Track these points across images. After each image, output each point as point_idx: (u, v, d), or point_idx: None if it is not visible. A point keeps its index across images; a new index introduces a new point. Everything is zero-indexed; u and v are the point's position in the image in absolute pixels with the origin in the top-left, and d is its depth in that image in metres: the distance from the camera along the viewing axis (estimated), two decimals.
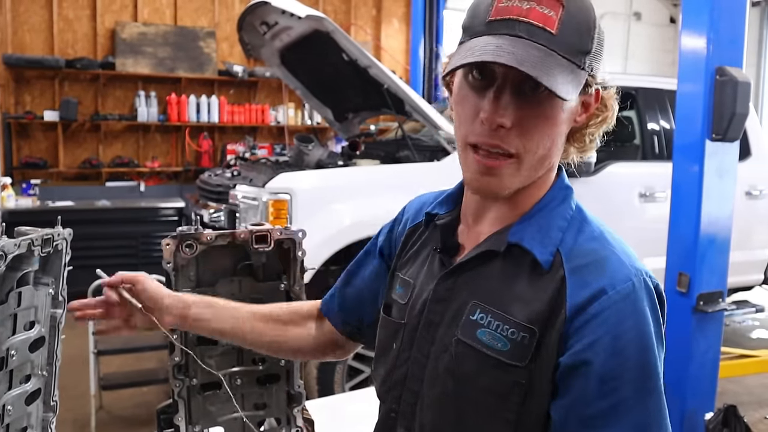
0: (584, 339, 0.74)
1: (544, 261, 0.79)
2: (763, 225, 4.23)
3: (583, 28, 0.77)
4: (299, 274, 1.14)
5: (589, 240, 0.81)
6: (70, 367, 3.60)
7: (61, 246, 1.04)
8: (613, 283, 0.75)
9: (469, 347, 0.81)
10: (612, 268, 0.77)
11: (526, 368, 0.77)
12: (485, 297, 0.81)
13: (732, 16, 2.66)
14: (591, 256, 0.78)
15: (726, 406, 2.83)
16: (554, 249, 0.80)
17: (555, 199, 0.84)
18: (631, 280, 0.76)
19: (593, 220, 0.85)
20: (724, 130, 2.64)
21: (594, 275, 0.76)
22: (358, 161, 3.58)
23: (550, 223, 0.82)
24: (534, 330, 0.77)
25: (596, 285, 0.75)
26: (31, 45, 6.66)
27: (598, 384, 0.73)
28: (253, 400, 1.19)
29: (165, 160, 7.29)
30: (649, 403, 0.74)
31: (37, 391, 1.01)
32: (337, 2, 7.96)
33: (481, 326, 0.80)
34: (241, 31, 3.95)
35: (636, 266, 0.79)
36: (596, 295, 0.75)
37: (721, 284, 2.80)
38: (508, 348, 0.78)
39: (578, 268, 0.77)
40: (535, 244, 0.80)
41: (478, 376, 0.80)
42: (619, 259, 0.78)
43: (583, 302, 0.75)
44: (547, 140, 0.79)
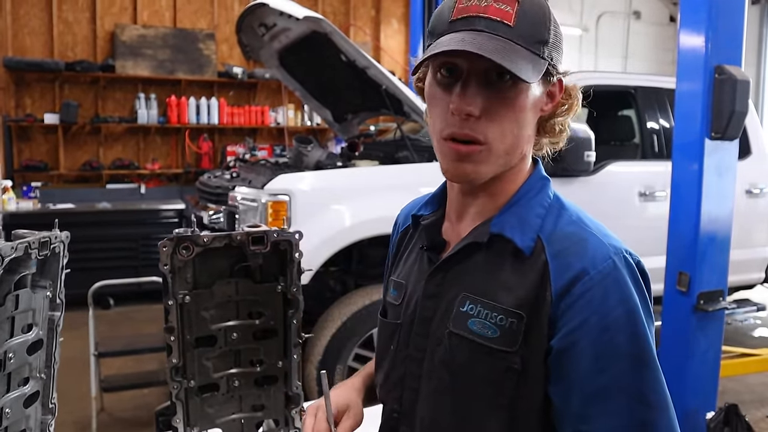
0: (572, 321, 0.77)
1: (525, 247, 0.82)
2: (763, 223, 4.22)
3: (539, 20, 0.81)
4: (296, 276, 1.13)
5: (567, 224, 0.84)
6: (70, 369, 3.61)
7: (59, 249, 1.04)
8: (594, 263, 0.78)
9: (461, 338, 0.83)
10: (592, 249, 0.79)
11: (518, 353, 0.79)
12: (473, 288, 0.84)
13: (731, 14, 2.66)
14: (570, 239, 0.81)
15: (727, 405, 2.82)
16: (534, 235, 0.83)
17: (532, 189, 0.88)
18: (611, 258, 0.79)
19: (570, 206, 0.88)
20: (723, 129, 2.64)
21: (575, 257, 0.79)
22: (357, 162, 3.58)
23: (529, 211, 0.85)
24: (521, 315, 0.79)
25: (578, 266, 0.78)
26: (31, 48, 6.67)
27: (592, 362, 0.76)
28: (251, 402, 1.19)
29: (165, 162, 7.30)
30: (645, 373, 0.76)
31: (36, 393, 1.01)
32: (336, 3, 7.97)
33: (471, 316, 0.83)
34: (240, 33, 3.95)
35: (614, 245, 0.81)
36: (579, 276, 0.77)
37: (722, 283, 2.79)
38: (498, 335, 0.80)
39: (559, 252, 0.80)
40: (515, 232, 0.83)
41: (472, 365, 0.82)
42: (598, 239, 0.81)
43: (566, 284, 0.78)
44: (515, 126, 0.82)
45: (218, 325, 1.13)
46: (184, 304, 1.09)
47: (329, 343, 3.09)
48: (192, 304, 1.10)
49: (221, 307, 1.13)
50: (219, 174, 4.07)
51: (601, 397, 0.76)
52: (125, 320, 5.26)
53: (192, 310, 1.10)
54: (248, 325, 1.15)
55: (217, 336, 1.14)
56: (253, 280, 1.14)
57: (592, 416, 0.76)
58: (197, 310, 1.11)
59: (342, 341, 3.10)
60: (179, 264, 1.08)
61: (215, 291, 1.12)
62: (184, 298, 1.09)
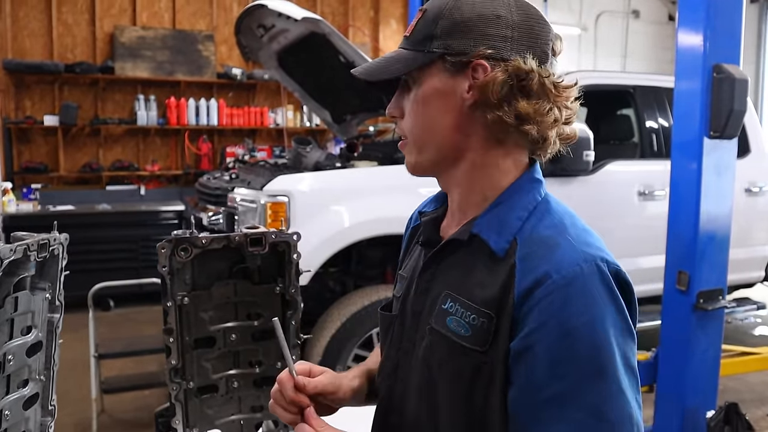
0: (530, 324, 0.76)
1: (499, 249, 0.82)
2: (763, 222, 4.22)
3: (430, 20, 0.87)
4: (294, 277, 1.14)
5: (546, 228, 0.83)
6: (71, 371, 3.63)
7: (58, 251, 1.04)
8: (559, 267, 0.77)
9: (440, 335, 0.85)
10: (560, 254, 0.78)
11: (488, 353, 0.80)
12: (454, 286, 0.86)
13: (729, 13, 2.66)
14: (543, 243, 0.80)
15: (727, 404, 2.82)
16: (511, 237, 0.83)
17: (520, 191, 0.87)
18: (579, 264, 0.77)
19: (558, 211, 0.86)
20: (722, 128, 2.64)
21: (541, 260, 0.78)
22: (356, 163, 3.58)
23: (510, 213, 0.85)
24: (491, 315, 0.80)
25: (542, 269, 0.77)
26: (30, 50, 6.67)
27: (548, 367, 0.74)
28: (250, 403, 1.19)
29: (165, 164, 7.30)
30: (602, 386, 0.74)
31: (35, 395, 1.02)
32: (335, 4, 7.98)
33: (449, 314, 0.85)
34: (239, 34, 3.96)
35: (589, 252, 0.79)
36: (541, 280, 0.76)
37: (721, 282, 2.79)
38: (469, 333, 0.81)
39: (528, 255, 0.80)
40: (491, 233, 0.84)
41: (447, 362, 0.84)
42: (571, 245, 0.79)
43: (529, 287, 0.77)
44: (421, 117, 0.89)
45: (217, 327, 1.13)
46: (183, 306, 1.10)
47: (329, 343, 3.09)
48: (191, 305, 1.10)
49: (220, 309, 1.14)
50: (218, 175, 4.07)
51: (555, 404, 0.74)
52: (126, 321, 5.26)
53: (191, 312, 1.11)
54: (247, 327, 1.16)
55: (216, 337, 1.14)
56: (252, 281, 1.15)
57: (544, 421, 0.75)
58: (196, 312, 1.11)
59: (341, 342, 3.10)
60: (178, 265, 1.08)
61: (214, 292, 1.12)
62: (182, 300, 1.09)
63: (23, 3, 6.61)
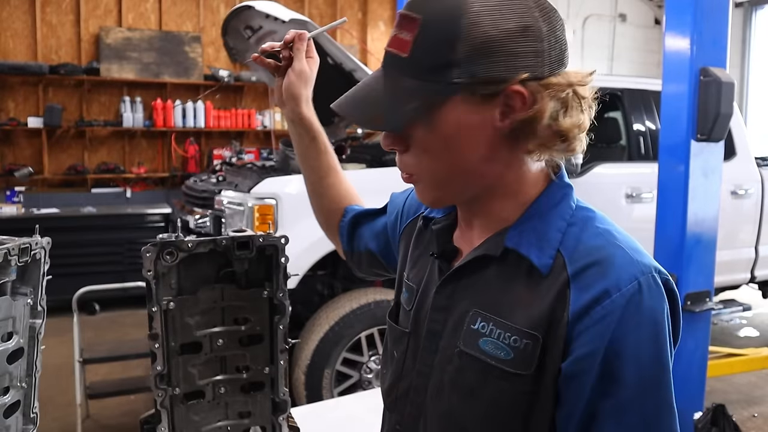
0: (586, 346, 0.71)
1: (542, 266, 0.75)
2: (748, 224, 4.26)
3: (442, 40, 0.72)
4: (283, 281, 1.12)
5: (593, 237, 0.76)
6: (56, 376, 3.58)
7: (40, 255, 1.02)
8: (618, 284, 0.71)
9: (472, 358, 0.78)
10: (617, 268, 0.72)
11: (532, 376, 0.74)
12: (485, 304, 0.78)
13: (715, 17, 2.68)
14: (595, 254, 0.74)
15: (714, 406, 2.84)
16: (554, 252, 0.76)
17: (551, 200, 0.80)
18: (637, 279, 0.71)
19: (598, 216, 0.81)
20: (708, 131, 2.66)
21: (597, 276, 0.72)
22: (344, 165, 3.57)
23: (548, 225, 0.78)
24: (537, 336, 0.73)
25: (600, 287, 0.71)
26: (14, 51, 6.60)
27: (599, 385, 0.71)
28: (238, 409, 1.17)
29: (151, 166, 7.25)
30: (658, 400, 0.72)
31: (16, 403, 0.99)
32: (323, 6, 7.97)
33: (483, 335, 0.77)
34: (226, 36, 3.93)
35: (644, 262, 0.74)
36: (599, 299, 0.71)
37: (708, 284, 2.81)
38: (511, 357, 0.74)
39: (581, 270, 0.73)
40: (532, 249, 0.77)
41: (484, 387, 0.77)
42: (626, 255, 0.74)
43: (585, 306, 0.71)
44: (439, 157, 0.77)
45: (203, 332, 1.11)
46: (169, 311, 1.08)
47: (317, 347, 3.07)
48: (176, 310, 1.08)
49: (206, 313, 1.12)
50: (205, 178, 4.04)
51: (604, 419, 0.71)
52: (111, 325, 5.21)
53: (176, 317, 1.09)
54: (234, 331, 1.14)
55: (203, 342, 1.12)
56: (239, 285, 1.13)
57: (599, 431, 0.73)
58: (182, 317, 1.09)
59: (330, 345, 3.09)
60: (163, 270, 1.06)
61: (200, 297, 1.10)
62: (168, 305, 1.07)
63: (6, 3, 6.53)
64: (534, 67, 0.72)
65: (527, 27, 0.72)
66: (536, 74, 0.73)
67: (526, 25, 0.72)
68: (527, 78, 0.72)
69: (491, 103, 0.74)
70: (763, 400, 4.01)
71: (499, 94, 0.73)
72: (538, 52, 0.73)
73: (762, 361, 3.82)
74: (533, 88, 0.73)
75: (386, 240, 1.13)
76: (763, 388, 4.18)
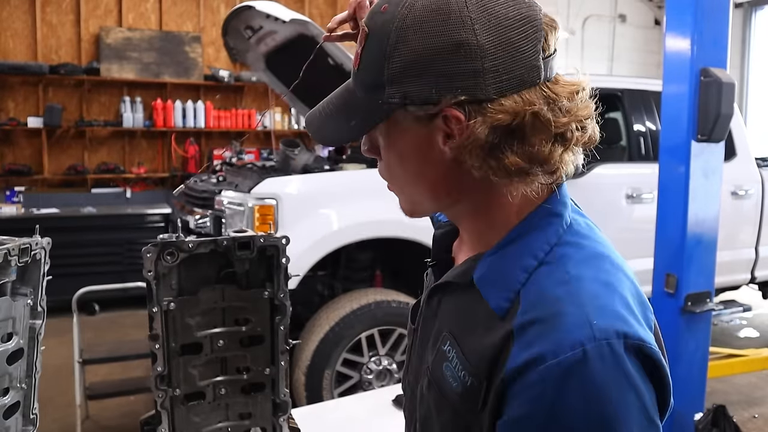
0: (521, 408, 0.63)
1: (498, 309, 0.68)
2: (748, 225, 4.26)
3: (378, 56, 0.68)
4: (283, 281, 1.12)
5: (555, 285, 0.66)
6: (55, 377, 3.57)
7: (40, 255, 1.02)
8: (556, 350, 0.61)
9: (435, 379, 0.76)
10: (561, 330, 0.62)
11: (477, 417, 0.68)
12: (455, 329, 0.75)
13: (715, 17, 2.68)
14: (547, 308, 0.65)
15: (715, 406, 2.84)
16: (512, 295, 0.68)
17: (532, 229, 0.71)
18: (582, 346, 0.61)
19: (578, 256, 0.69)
20: (709, 131, 2.66)
21: (539, 335, 0.63)
22: (345, 166, 3.57)
23: (516, 261, 0.70)
24: (481, 378, 0.68)
25: (536, 349, 0.62)
26: (14, 51, 6.60)
27: None
28: (238, 410, 1.17)
29: (151, 166, 7.24)
30: None
31: (16, 404, 0.99)
32: (323, 6, 7.96)
33: (447, 359, 0.73)
34: (226, 36, 3.93)
35: (601, 326, 0.62)
36: (534, 362, 0.62)
37: (709, 284, 2.81)
38: (459, 390, 0.70)
39: (527, 324, 0.64)
40: (492, 289, 0.70)
41: (439, 412, 0.75)
42: (580, 315, 0.63)
43: (520, 367, 0.63)
44: (399, 172, 0.75)
45: (204, 332, 1.11)
46: (169, 311, 1.07)
47: (317, 348, 3.07)
48: (177, 311, 1.08)
49: (207, 314, 1.11)
50: (205, 178, 4.04)
51: None
52: (111, 325, 5.21)
53: (177, 317, 1.09)
54: (235, 332, 1.13)
55: (203, 343, 1.12)
56: (240, 286, 1.13)
57: None
58: (182, 317, 1.09)
59: (330, 346, 3.09)
60: (164, 270, 1.06)
61: (201, 297, 1.10)
62: (168, 305, 1.07)
63: (6, 3, 6.53)
64: (472, 88, 0.65)
65: (460, 44, 0.64)
66: (477, 96, 0.65)
67: (458, 42, 0.64)
68: (465, 100, 0.65)
69: (432, 125, 0.69)
70: (763, 401, 4.00)
71: (437, 117, 0.68)
72: (477, 72, 0.64)
73: (762, 362, 3.82)
74: (474, 111, 0.66)
75: None
76: (763, 389, 4.17)
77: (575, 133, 0.69)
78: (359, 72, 0.72)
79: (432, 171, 0.72)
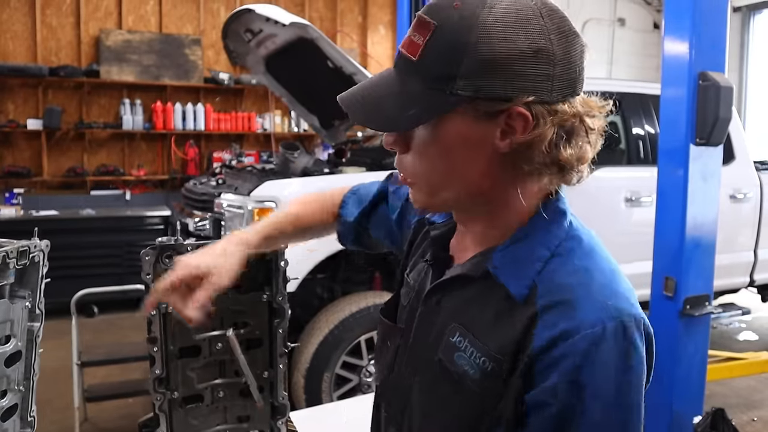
0: (546, 381, 0.71)
1: (518, 295, 0.76)
2: (747, 228, 4.26)
3: (453, 50, 0.71)
4: (282, 285, 1.12)
5: (568, 274, 0.75)
6: (54, 379, 3.57)
7: (38, 258, 1.02)
8: (580, 326, 0.71)
9: (446, 370, 0.80)
10: (584, 309, 0.72)
11: (493, 397, 0.75)
12: (464, 320, 0.80)
13: (714, 21, 2.68)
14: (565, 293, 0.73)
15: (714, 410, 2.83)
16: (530, 282, 0.76)
17: (543, 225, 0.79)
18: (603, 323, 0.71)
19: (582, 249, 0.79)
20: (707, 135, 2.66)
21: (563, 316, 0.72)
22: (344, 169, 3.57)
23: (531, 253, 0.78)
24: (502, 361, 0.75)
25: (562, 326, 0.71)
26: (13, 52, 6.60)
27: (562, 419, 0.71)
28: (237, 413, 1.17)
29: (151, 168, 7.25)
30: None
31: (14, 406, 0.99)
32: (323, 9, 7.97)
33: (458, 350, 0.79)
34: (226, 39, 3.94)
35: (616, 307, 0.72)
36: (560, 338, 0.71)
37: (708, 287, 2.81)
38: (478, 376, 0.76)
39: (549, 307, 0.73)
40: (510, 277, 0.77)
41: (452, 399, 0.79)
42: (596, 298, 0.73)
43: (547, 344, 0.71)
44: (438, 165, 0.77)
45: (202, 335, 1.11)
46: (167, 314, 1.08)
47: (317, 350, 3.07)
48: (175, 314, 1.08)
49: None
50: (205, 180, 4.04)
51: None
52: (110, 328, 5.20)
53: (175, 320, 1.09)
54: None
55: (202, 346, 1.12)
56: (238, 289, 1.13)
57: None
58: (180, 320, 1.09)
59: (329, 349, 3.08)
60: (162, 273, 1.06)
61: None
62: (167, 308, 1.07)
63: (6, 5, 6.54)
64: (542, 91, 0.72)
65: (540, 49, 0.71)
66: (543, 98, 0.72)
67: (538, 48, 0.71)
68: (533, 101, 0.72)
69: (493, 121, 0.73)
70: (762, 404, 4.00)
71: (502, 113, 0.72)
72: (549, 76, 0.72)
73: (761, 365, 3.82)
74: (538, 112, 0.72)
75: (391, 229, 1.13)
76: (762, 392, 4.17)
77: (599, 141, 0.79)
78: (422, 62, 0.73)
79: (477, 165, 0.76)
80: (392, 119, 0.76)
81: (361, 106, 0.78)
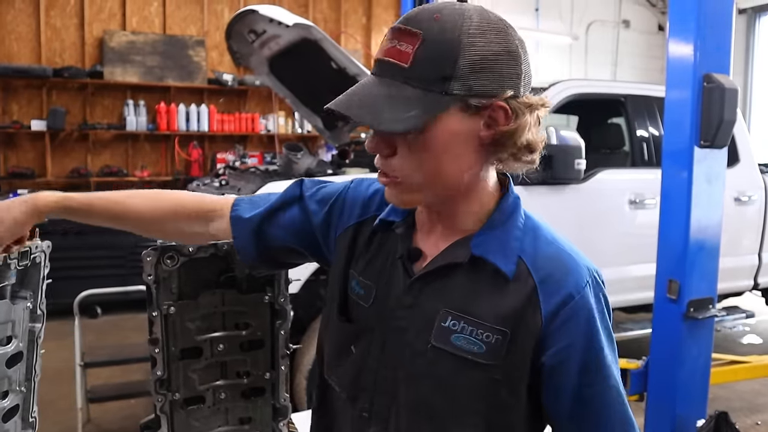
0: (561, 341, 0.85)
1: (508, 271, 0.87)
2: (752, 231, 4.24)
3: (443, 56, 0.80)
4: (284, 286, 1.12)
5: (545, 245, 0.90)
6: (56, 380, 3.58)
7: (40, 259, 1.02)
8: (577, 288, 0.86)
9: (444, 352, 0.87)
10: (572, 272, 0.87)
11: (501, 365, 0.86)
12: (455, 305, 0.88)
13: (719, 23, 2.67)
14: (552, 262, 0.88)
15: (717, 413, 2.82)
16: (516, 258, 0.88)
17: (507, 210, 0.91)
18: (587, 281, 0.87)
19: (541, 224, 0.93)
20: (712, 137, 2.65)
21: (560, 283, 0.86)
22: (348, 170, 3.57)
23: (508, 234, 0.89)
24: (506, 331, 0.85)
25: (564, 291, 0.86)
26: (18, 54, 6.62)
27: (581, 375, 0.86)
28: (238, 414, 1.17)
29: (154, 170, 7.26)
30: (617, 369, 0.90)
31: (15, 407, 0.99)
32: (327, 10, 7.98)
33: (454, 332, 0.87)
34: (230, 40, 3.94)
35: (586, 265, 0.89)
36: (566, 301, 0.85)
37: (711, 290, 2.79)
38: (484, 350, 0.86)
39: (546, 278, 0.87)
40: (498, 256, 0.88)
41: (456, 377, 0.87)
42: (574, 260, 0.89)
43: (555, 308, 0.85)
44: (428, 162, 0.84)
45: (204, 337, 1.11)
46: (169, 315, 1.07)
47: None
48: (177, 315, 1.08)
49: (207, 318, 1.11)
50: (208, 182, 4.04)
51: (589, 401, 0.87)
52: (113, 329, 5.20)
53: (177, 321, 1.09)
54: (235, 336, 1.13)
55: (203, 347, 1.12)
56: (240, 290, 1.13)
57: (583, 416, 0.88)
58: (182, 321, 1.09)
59: None
60: (164, 274, 1.06)
61: (201, 302, 1.10)
62: (168, 309, 1.07)
63: (11, 6, 6.56)
64: (516, 86, 0.83)
65: (512, 51, 0.83)
66: (517, 93, 0.84)
67: (511, 50, 0.83)
68: (511, 96, 0.83)
69: (478, 115, 0.83)
70: (766, 408, 3.98)
71: (487, 108, 0.83)
72: (520, 75, 0.84)
73: (765, 369, 3.80)
74: (514, 105, 0.84)
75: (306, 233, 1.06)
76: (766, 396, 4.15)
77: None
78: (414, 68, 0.81)
79: (465, 158, 0.85)
80: (395, 121, 0.81)
81: (364, 111, 0.83)
